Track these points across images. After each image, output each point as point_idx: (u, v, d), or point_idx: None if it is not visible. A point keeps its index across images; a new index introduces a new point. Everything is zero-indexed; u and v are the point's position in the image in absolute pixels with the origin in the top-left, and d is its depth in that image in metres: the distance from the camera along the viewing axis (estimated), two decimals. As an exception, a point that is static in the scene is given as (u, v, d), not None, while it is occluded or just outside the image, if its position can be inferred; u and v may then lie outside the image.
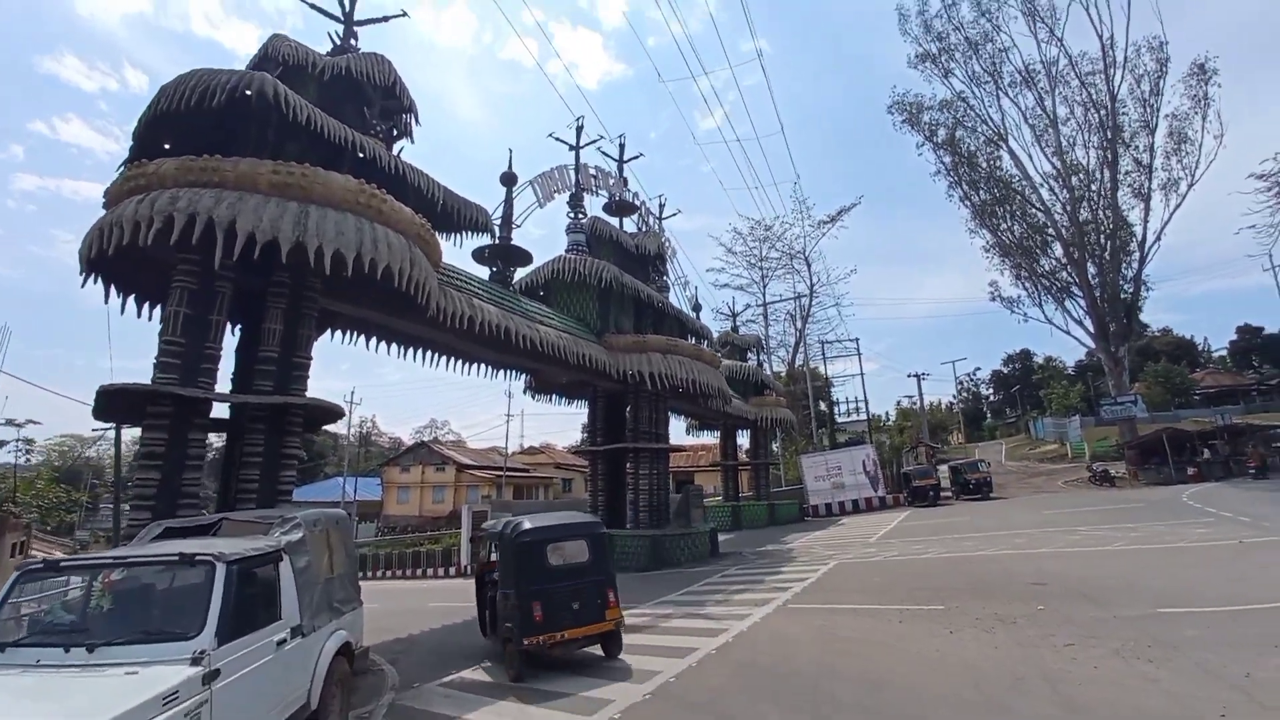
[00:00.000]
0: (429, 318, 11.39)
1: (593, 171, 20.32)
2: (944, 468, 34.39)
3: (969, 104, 40.82)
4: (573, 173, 19.42)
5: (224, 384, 9.65)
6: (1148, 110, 36.13)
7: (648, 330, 19.35)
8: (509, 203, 16.43)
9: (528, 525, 7.74)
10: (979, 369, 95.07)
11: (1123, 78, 36.27)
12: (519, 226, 16.49)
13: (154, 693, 3.09)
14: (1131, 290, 36.11)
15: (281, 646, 4.46)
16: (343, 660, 5.53)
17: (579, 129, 20.31)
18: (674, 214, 25.87)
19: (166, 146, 9.67)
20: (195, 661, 3.51)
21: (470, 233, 13.06)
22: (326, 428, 70.58)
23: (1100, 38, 36.39)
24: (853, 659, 6.65)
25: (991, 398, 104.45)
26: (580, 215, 19.70)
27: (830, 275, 63.81)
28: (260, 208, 8.21)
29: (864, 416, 48.88)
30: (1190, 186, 35.85)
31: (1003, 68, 39.68)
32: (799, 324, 50.97)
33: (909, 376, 73.75)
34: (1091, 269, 37.52)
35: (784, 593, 11.09)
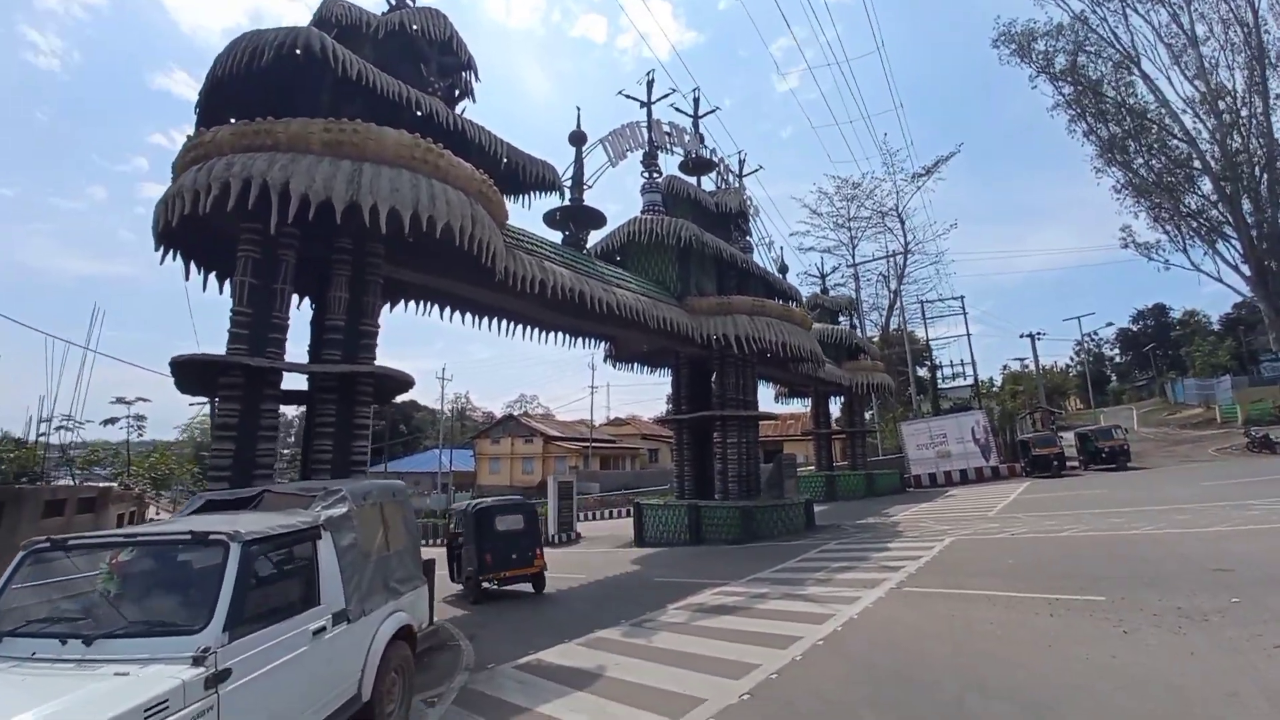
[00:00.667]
0: (498, 283, 10.81)
1: (666, 128, 19.10)
2: (1068, 435, 30.95)
3: (1091, 26, 35.76)
4: (645, 130, 18.31)
5: (302, 356, 9.56)
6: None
7: (731, 291, 18.14)
8: (579, 163, 15.60)
9: (484, 504, 11.78)
10: (1110, 324, 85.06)
11: None
12: (590, 188, 15.68)
13: (129, 705, 2.50)
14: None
15: (320, 635, 3.90)
16: (402, 645, 5.00)
17: (650, 84, 19.10)
18: (755, 169, 24.26)
19: (232, 121, 9.54)
20: (197, 661, 2.94)
21: (539, 193, 12.35)
22: (423, 403, 73.20)
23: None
24: (1002, 665, 5.42)
25: (1117, 359, 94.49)
26: (655, 174, 18.63)
27: (928, 231, 58.75)
28: (313, 168, 7.78)
29: (967, 381, 45.13)
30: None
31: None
32: (893, 285, 47.56)
33: (1021, 337, 67.81)
34: (1246, 205, 32.20)
35: (895, 573, 9.83)
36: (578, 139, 15.71)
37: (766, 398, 29.83)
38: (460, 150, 9.55)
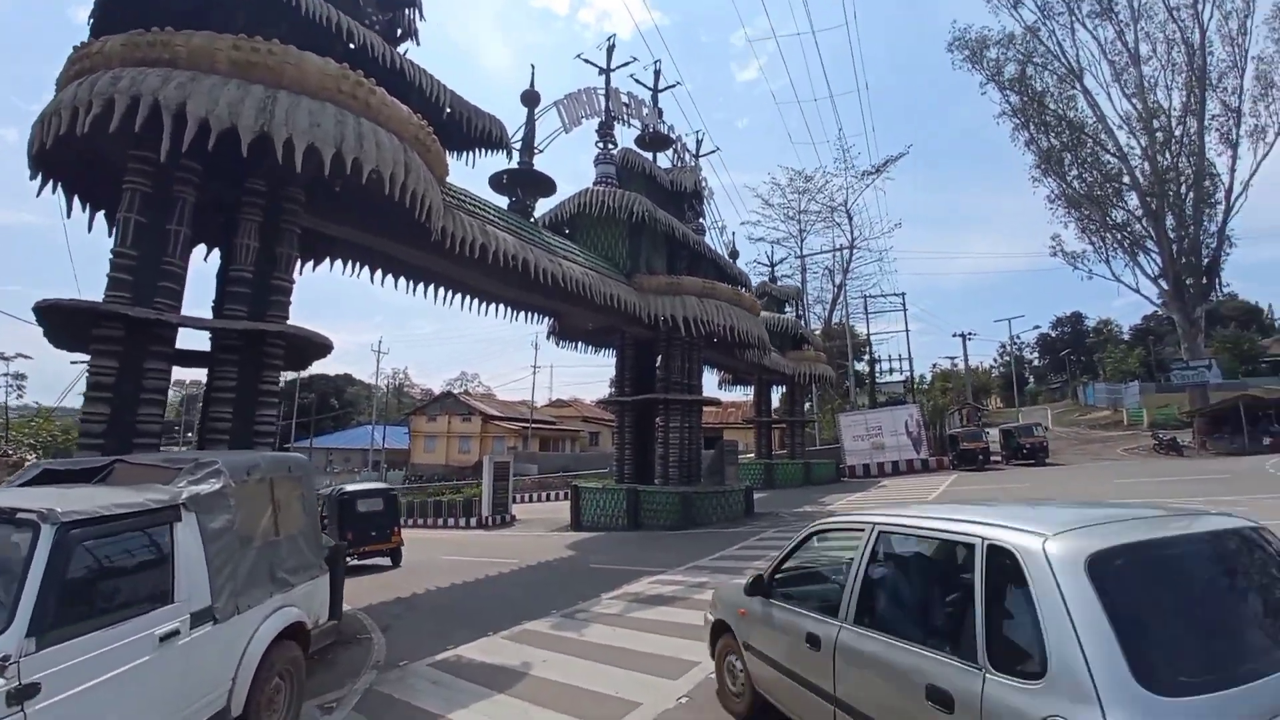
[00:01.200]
0: (434, 244, 9.93)
1: (624, 99, 18.35)
2: (991, 431, 32.32)
3: (1040, 39, 36.92)
4: (602, 98, 17.51)
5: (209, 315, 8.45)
6: (1235, 50, 32.20)
7: (682, 272, 17.67)
8: (530, 125, 14.69)
9: (347, 490, 13.34)
10: (1037, 327, 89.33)
11: (1211, 13, 32.17)
12: (541, 152, 14.81)
13: None
14: (1214, 245, 32.73)
15: (171, 641, 3.16)
16: (290, 646, 4.28)
17: (610, 50, 18.27)
18: (712, 150, 24.10)
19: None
20: (-10, 674, 2.19)
21: (484, 150, 11.46)
22: (359, 377, 70.19)
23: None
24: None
25: (1035, 362, 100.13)
26: (610, 146, 17.88)
27: (873, 229, 60.24)
28: (217, 90, 6.73)
29: (901, 376, 46.63)
30: (1278, 135, 32.13)
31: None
32: (838, 279, 48.43)
33: (954, 336, 70.66)
34: (1170, 221, 34.13)
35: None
36: (530, 99, 14.77)
37: (710, 384, 29.80)
38: (398, 93, 8.59)
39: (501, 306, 14.86)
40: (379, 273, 12.05)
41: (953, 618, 2.62)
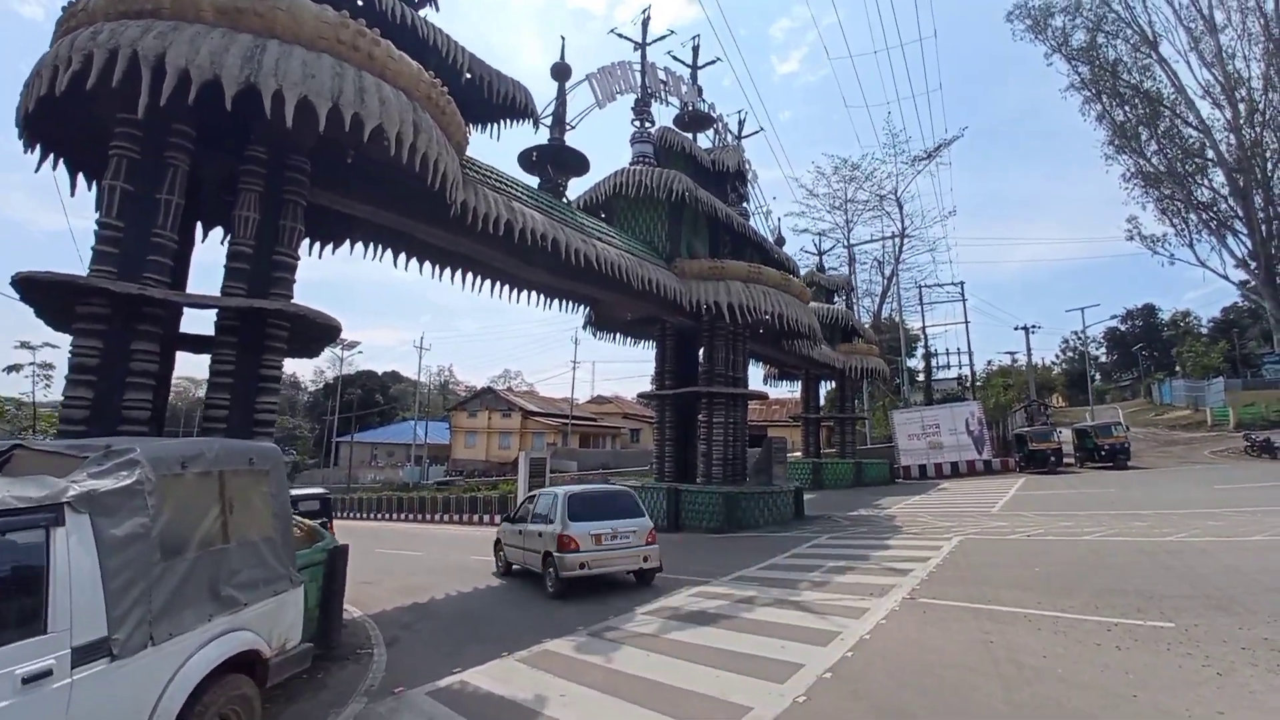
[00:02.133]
0: (455, 220, 9.18)
1: (662, 76, 17.29)
2: (1063, 431, 29.93)
3: (1110, 4, 34.14)
4: (638, 73, 16.50)
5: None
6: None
7: (725, 257, 16.51)
8: (561, 99, 13.80)
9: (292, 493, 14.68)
10: (1115, 316, 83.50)
11: None
12: (573, 128, 13.91)
13: None
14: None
15: (40, 683, 2.32)
16: (238, 680, 3.44)
17: (645, 23, 17.23)
18: (755, 131, 22.58)
19: None
20: None
21: (509, 120, 10.62)
22: (405, 374, 71.89)
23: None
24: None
25: (1102, 358, 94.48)
26: (647, 124, 16.87)
27: (925, 217, 57.23)
28: (200, 39, 6.02)
29: (954, 372, 44.02)
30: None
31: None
32: (887, 270, 46.18)
33: (1016, 329, 67.24)
34: (1258, 201, 31.04)
35: (903, 576, 8.44)
36: (561, 72, 13.89)
37: (754, 378, 28.49)
38: (411, 52, 7.78)
39: (533, 293, 14.04)
40: (402, 256, 11.37)
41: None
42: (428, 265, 11.84)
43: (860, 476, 26.92)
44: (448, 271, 12.11)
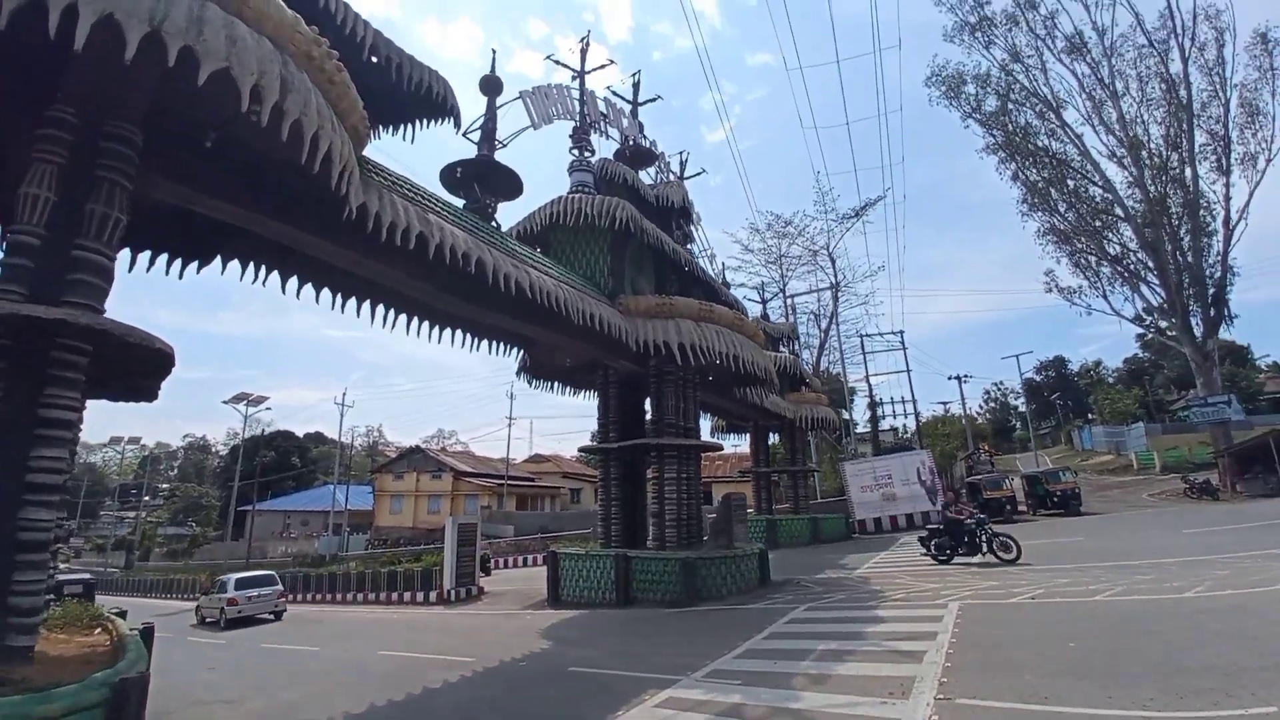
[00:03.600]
0: (355, 231, 7.38)
1: (602, 107, 16.25)
2: (1013, 478, 29.71)
3: (1015, 75, 36.65)
4: (576, 100, 15.36)
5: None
6: (1214, 79, 31.87)
7: (672, 295, 15.15)
8: (492, 115, 12.35)
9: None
10: (1030, 366, 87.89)
11: (1188, 45, 31.93)
12: (504, 146, 12.40)
13: None
14: (1219, 275, 31.41)
15: None
16: None
17: (583, 50, 16.30)
18: (699, 173, 21.80)
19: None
20: None
21: (425, 121, 9.00)
22: (330, 435, 66.47)
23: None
24: None
25: (1021, 407, 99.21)
26: (586, 153, 15.66)
27: (855, 273, 58.88)
28: (-53, -80, 4.14)
29: (890, 423, 44.15)
30: (1269, 162, 31.53)
31: (1053, 33, 35.53)
32: (823, 323, 46.59)
33: (949, 379, 69.27)
34: (1168, 250, 32.93)
35: (917, 663, 6.75)
36: (491, 85, 12.45)
37: (703, 431, 26.96)
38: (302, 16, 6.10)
39: (456, 331, 12.12)
40: (292, 280, 9.30)
41: None
42: (326, 293, 9.80)
43: (817, 532, 25.47)
44: (352, 302, 10.09)
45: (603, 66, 16.51)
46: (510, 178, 11.81)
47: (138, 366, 5.78)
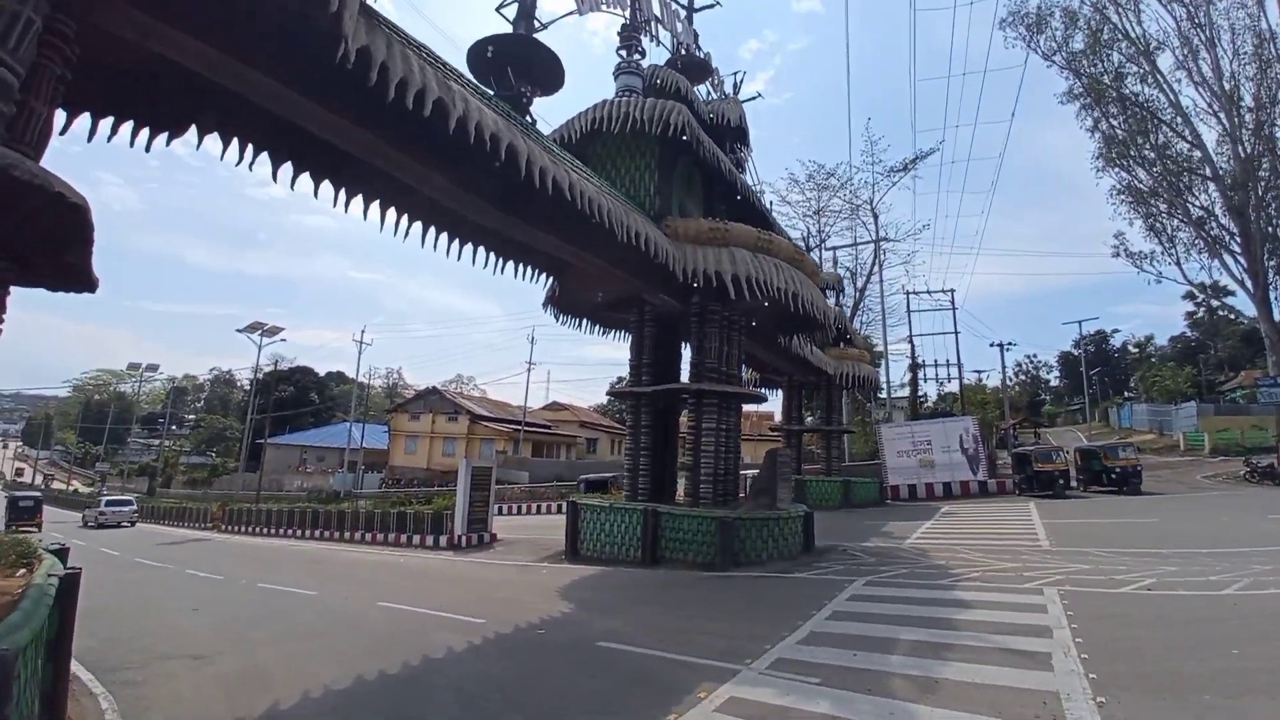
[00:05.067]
0: (353, 87, 5.68)
1: (655, 8, 14.08)
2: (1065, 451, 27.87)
3: (1106, 15, 32.99)
4: (628, -11, 13.22)
5: None
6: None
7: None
8: (531, -10, 10.36)
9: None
10: (1117, 330, 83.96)
11: None
12: (544, 28, 10.46)
13: None
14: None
15: None
16: None
17: (638, -65, 14.00)
18: (754, 97, 19.59)
19: None
20: None
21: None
22: (351, 374, 66.95)
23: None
24: None
25: (1053, 382, 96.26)
26: (635, 54, 13.63)
27: (899, 230, 55.32)
28: None
29: (907, 389, 42.05)
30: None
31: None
32: (859, 281, 44.20)
33: (991, 345, 66.91)
34: (1253, 219, 29.99)
35: (1045, 670, 5.27)
36: (529, -44, 10.44)
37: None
38: None
39: (481, 248, 10.51)
40: (286, 162, 7.69)
41: None
42: (327, 186, 8.19)
43: (849, 497, 24.07)
44: (360, 199, 8.48)
45: (655, -45, 14.23)
46: (551, 63, 9.89)
47: (48, 229, 4.26)
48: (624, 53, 13.48)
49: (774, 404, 33.50)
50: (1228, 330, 72.64)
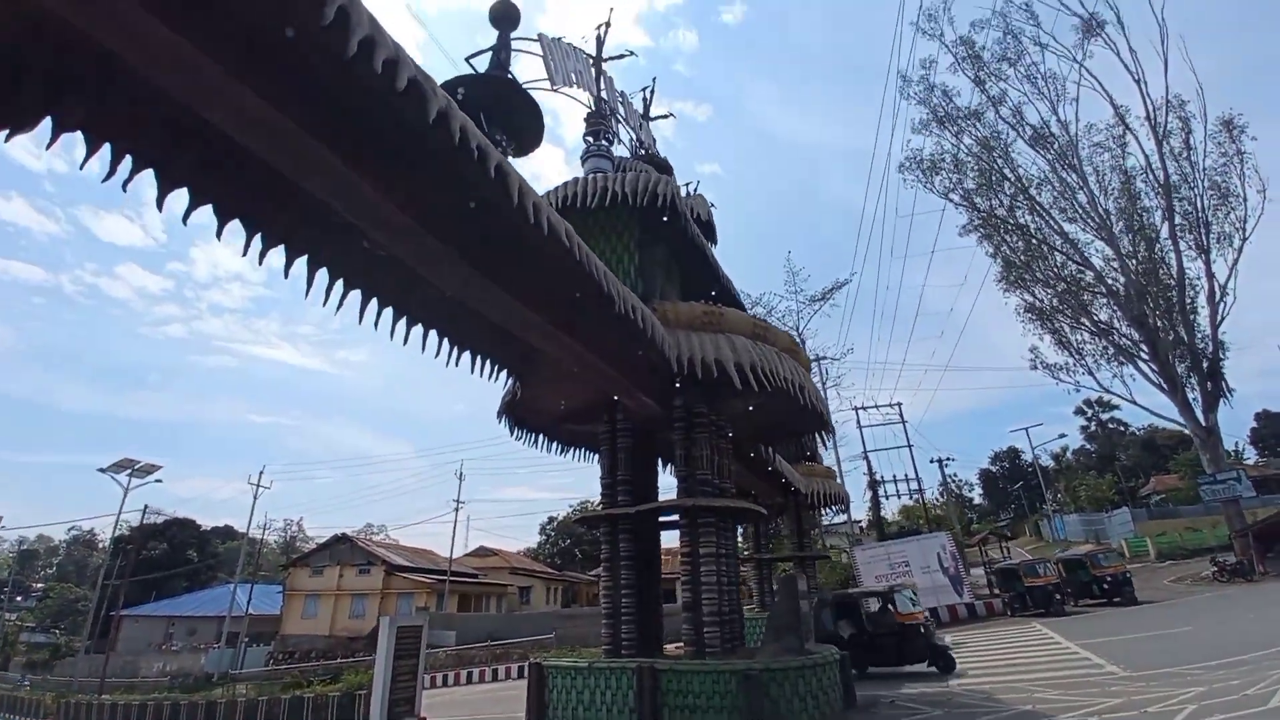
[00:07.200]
0: (314, 39, 3.87)
1: (619, 94, 13.68)
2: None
3: (985, 163, 37.50)
4: (594, 74, 12.68)
5: None
6: (1181, 164, 33.11)
7: (708, 311, 11.92)
8: (505, 46, 9.27)
9: None
10: (1063, 434, 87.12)
11: (1163, 133, 33.28)
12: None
13: None
14: (1211, 350, 30.96)
15: None
16: None
17: (599, 40, 13.85)
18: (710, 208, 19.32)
19: None
20: None
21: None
22: (241, 528, 58.62)
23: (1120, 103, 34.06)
24: None
25: (976, 499, 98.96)
26: (603, 140, 12.81)
27: (825, 354, 57.28)
28: None
29: (844, 516, 41.07)
30: (1244, 241, 32.29)
31: (1022, 125, 36.81)
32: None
33: (931, 462, 67.52)
34: (1156, 325, 32.61)
35: None
36: (504, 17, 9.44)
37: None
38: None
39: (433, 332, 8.34)
40: (181, 187, 5.51)
41: None
42: (236, 227, 6.01)
43: (833, 631, 21.23)
44: (274, 250, 6.31)
45: (621, 56, 14.03)
46: (531, 112, 8.53)
47: None
48: (591, 138, 12.63)
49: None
50: (1124, 440, 78.24)
